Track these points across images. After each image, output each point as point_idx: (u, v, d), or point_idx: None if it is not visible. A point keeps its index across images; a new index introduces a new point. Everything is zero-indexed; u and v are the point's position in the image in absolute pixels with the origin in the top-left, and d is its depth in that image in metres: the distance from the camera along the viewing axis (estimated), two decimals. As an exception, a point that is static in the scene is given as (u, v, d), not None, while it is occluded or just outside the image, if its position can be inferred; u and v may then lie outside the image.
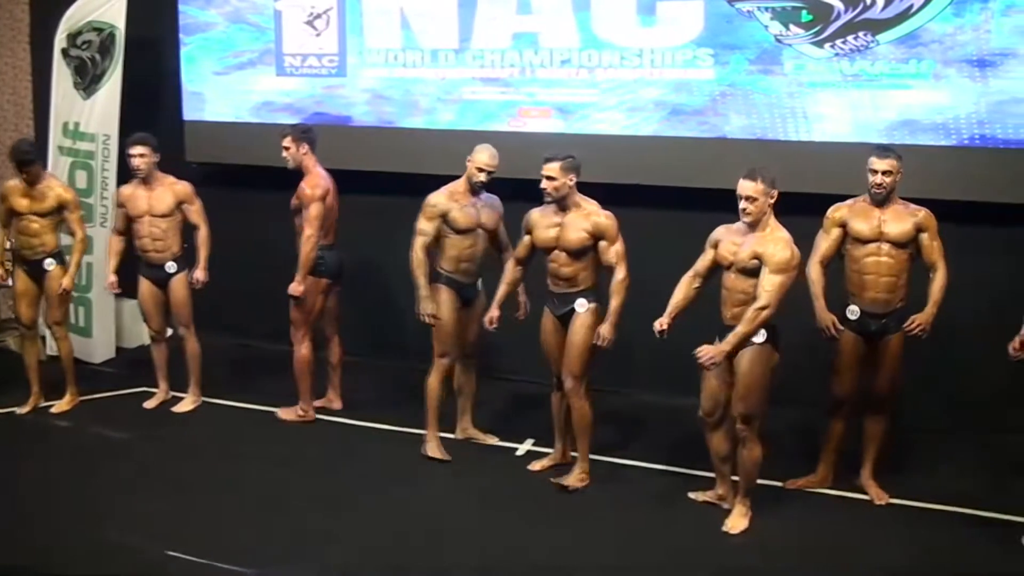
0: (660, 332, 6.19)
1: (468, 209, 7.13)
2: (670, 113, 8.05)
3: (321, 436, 7.84)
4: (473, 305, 7.33)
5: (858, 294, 6.51)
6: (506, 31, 8.41)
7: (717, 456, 6.46)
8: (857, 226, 6.48)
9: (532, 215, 6.86)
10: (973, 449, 7.44)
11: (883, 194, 6.41)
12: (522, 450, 7.51)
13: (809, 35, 7.60)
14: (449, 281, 7.20)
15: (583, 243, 6.65)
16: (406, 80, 8.81)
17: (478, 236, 7.18)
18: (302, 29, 9.09)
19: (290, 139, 7.65)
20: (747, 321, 5.94)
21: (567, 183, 6.63)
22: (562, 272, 6.74)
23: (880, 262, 6.45)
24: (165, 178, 8.12)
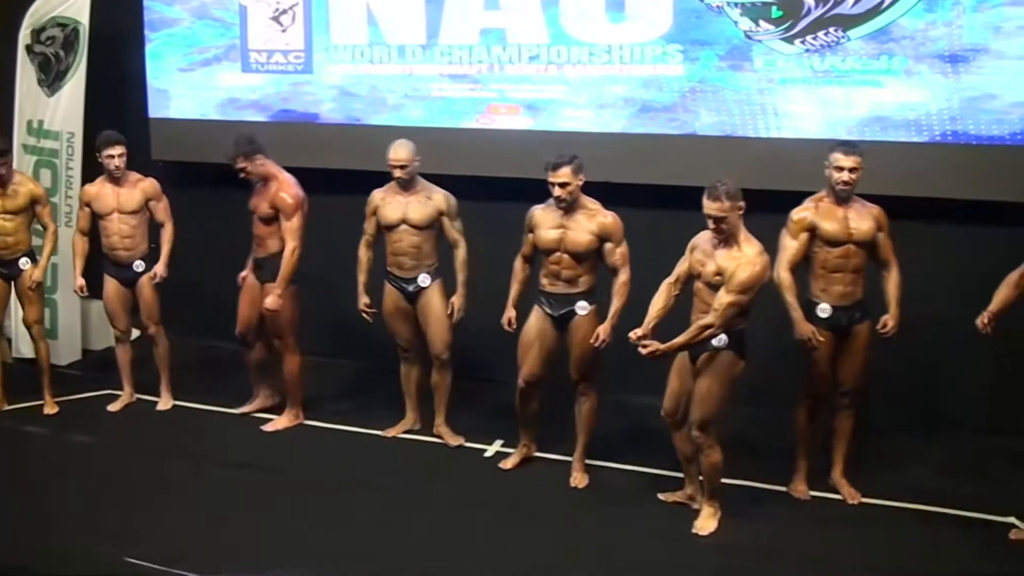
0: (639, 341, 5.97)
1: (393, 205, 7.17)
2: (639, 110, 7.92)
3: (291, 439, 7.69)
4: (421, 301, 7.26)
5: (826, 290, 6.40)
6: (474, 27, 8.24)
7: (682, 456, 6.38)
8: (827, 228, 6.34)
9: (535, 213, 6.72)
10: (937, 447, 7.37)
11: (849, 191, 6.30)
12: (491, 451, 7.38)
13: (779, 31, 7.47)
14: (388, 276, 7.33)
15: (590, 246, 6.56)
16: (373, 77, 8.63)
17: (403, 231, 7.16)
18: (267, 25, 8.89)
19: (242, 160, 7.43)
20: (689, 333, 5.83)
21: (578, 185, 6.52)
22: (563, 274, 6.64)
23: (848, 262, 6.36)
24: (131, 175, 7.96)
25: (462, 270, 7.17)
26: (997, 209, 7.07)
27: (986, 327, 5.94)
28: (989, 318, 5.94)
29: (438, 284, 7.29)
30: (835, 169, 6.27)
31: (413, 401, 7.67)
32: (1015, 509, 6.30)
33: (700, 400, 5.97)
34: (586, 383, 6.77)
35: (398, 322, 7.40)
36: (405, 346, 7.48)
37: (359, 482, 6.90)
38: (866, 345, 6.46)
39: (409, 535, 6.20)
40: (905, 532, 6.22)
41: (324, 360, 8.81)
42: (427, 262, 7.24)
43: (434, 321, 7.26)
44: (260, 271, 7.63)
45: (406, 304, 7.32)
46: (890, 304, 6.38)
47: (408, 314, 7.35)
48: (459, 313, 7.21)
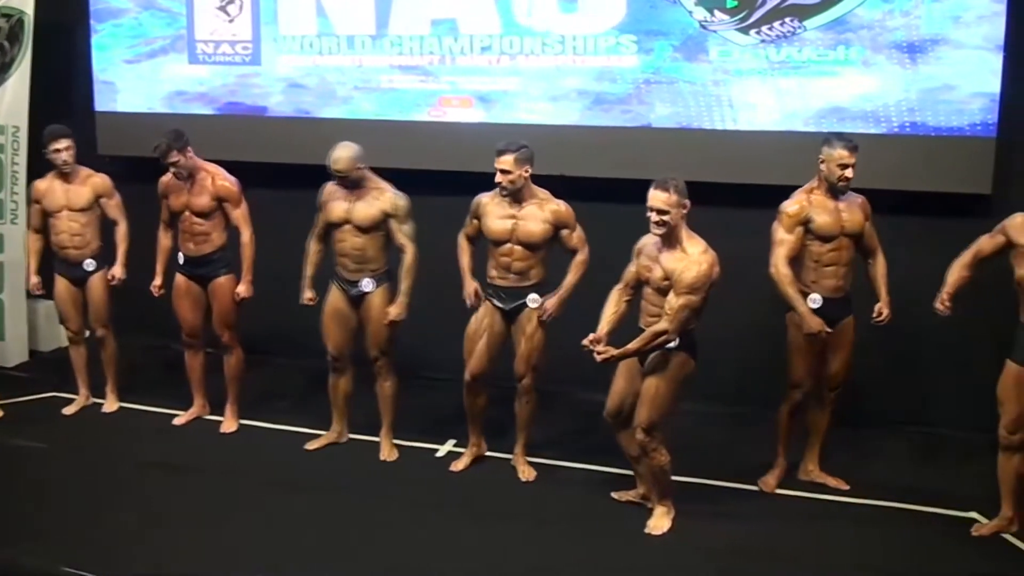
0: (592, 346, 5.79)
1: (338, 204, 6.79)
2: (593, 102, 7.71)
3: (238, 440, 7.43)
4: (363, 307, 6.93)
5: (817, 282, 6.22)
6: (424, 17, 8.00)
7: (629, 456, 6.19)
8: (821, 221, 6.16)
9: (482, 200, 6.51)
10: (896, 442, 7.25)
11: (848, 187, 6.14)
12: (443, 451, 7.17)
13: (734, 21, 7.28)
14: (334, 276, 6.96)
15: (544, 235, 6.39)
16: (322, 68, 8.36)
17: (347, 231, 6.81)
18: (214, 15, 8.59)
19: (176, 154, 7.10)
20: (643, 339, 5.67)
21: (522, 175, 6.30)
22: (515, 266, 6.45)
23: (840, 255, 6.21)
24: (82, 171, 7.64)
25: (407, 277, 6.74)
26: (956, 200, 6.94)
27: (945, 306, 5.85)
28: (947, 298, 5.85)
29: (383, 290, 6.85)
30: (838, 166, 6.06)
31: (340, 413, 7.26)
32: (976, 504, 6.19)
33: (648, 400, 5.78)
34: (531, 379, 6.59)
35: (333, 325, 6.97)
36: (335, 353, 7.02)
37: (307, 484, 6.68)
38: (851, 340, 6.34)
39: (357, 538, 6.00)
40: (867, 529, 6.09)
41: (271, 359, 8.60)
42: (371, 266, 6.85)
43: (373, 328, 6.93)
44: (205, 268, 7.34)
45: (347, 308, 6.96)
46: (880, 291, 6.26)
47: (346, 319, 6.98)
48: (398, 319, 6.81)
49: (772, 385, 6.58)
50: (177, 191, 7.26)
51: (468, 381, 6.66)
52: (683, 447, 6.14)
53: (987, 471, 6.05)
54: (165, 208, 7.38)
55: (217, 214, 7.26)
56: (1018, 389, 5.68)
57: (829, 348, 6.30)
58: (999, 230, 5.73)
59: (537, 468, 6.80)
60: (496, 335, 6.57)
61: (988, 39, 6.78)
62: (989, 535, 5.93)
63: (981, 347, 6.63)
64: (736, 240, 6.24)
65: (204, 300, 7.43)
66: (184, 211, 7.27)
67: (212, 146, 7.47)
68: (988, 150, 6.89)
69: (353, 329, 6.98)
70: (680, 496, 6.15)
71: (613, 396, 6.02)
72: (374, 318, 6.86)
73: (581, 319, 5.98)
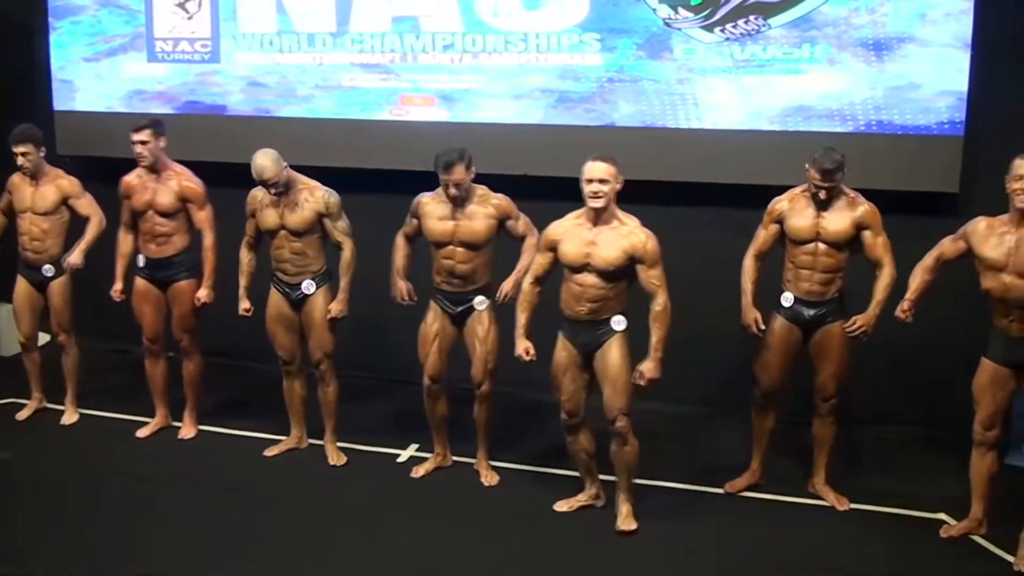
0: (529, 358, 5.84)
1: (269, 211, 6.58)
2: (557, 100, 7.51)
3: (196, 447, 7.18)
4: (305, 309, 6.70)
5: (793, 282, 6.09)
6: (385, 14, 7.76)
7: (586, 453, 6.07)
8: (793, 224, 6.01)
9: (423, 201, 6.35)
10: (864, 442, 7.11)
11: (828, 200, 5.93)
12: (404, 456, 6.95)
13: (699, 19, 7.11)
14: (273, 280, 6.74)
15: (489, 232, 6.25)
16: (282, 66, 8.11)
17: (283, 237, 6.59)
18: (173, 12, 8.33)
19: (149, 132, 6.84)
20: (664, 324, 5.61)
21: (469, 178, 6.17)
22: (458, 269, 6.28)
23: (816, 260, 6.01)
24: (50, 172, 7.35)
25: (346, 273, 6.55)
26: (923, 199, 6.82)
27: (906, 314, 5.70)
28: (909, 305, 5.71)
29: (324, 291, 6.66)
30: (813, 184, 5.90)
31: (297, 417, 7.04)
32: (945, 505, 6.09)
33: (622, 387, 5.70)
34: (490, 384, 6.44)
35: (280, 329, 6.78)
36: (285, 357, 6.84)
37: (266, 491, 6.48)
38: (841, 348, 6.09)
39: (312, 546, 5.82)
40: (833, 531, 5.98)
41: (235, 363, 8.36)
42: (312, 268, 6.63)
43: (315, 330, 6.71)
44: (166, 271, 7.06)
45: (290, 311, 6.74)
46: (871, 304, 5.94)
47: (291, 322, 6.76)
48: (339, 316, 6.61)
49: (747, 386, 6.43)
50: (140, 190, 6.97)
51: (427, 385, 6.50)
52: (659, 449, 6.19)
53: (955, 471, 5.97)
54: (127, 209, 7.09)
55: (181, 215, 6.99)
56: (993, 386, 5.61)
57: (815, 357, 6.15)
58: (961, 235, 5.63)
59: (500, 472, 6.64)
60: (448, 337, 6.44)
61: (956, 37, 6.66)
62: (958, 536, 5.82)
63: (949, 344, 6.53)
64: (701, 239, 6.18)
65: (165, 304, 7.16)
66: (147, 210, 6.98)
67: (171, 145, 7.17)
68: (955, 148, 6.76)
69: (299, 331, 6.78)
70: (653, 498, 6.11)
71: (569, 398, 5.90)
72: (316, 321, 6.67)
73: (538, 321, 5.90)
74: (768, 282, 6.14)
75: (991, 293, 5.50)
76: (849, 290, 6.07)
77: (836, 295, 6.05)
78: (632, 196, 5.77)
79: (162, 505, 6.27)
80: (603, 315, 5.71)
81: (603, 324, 5.71)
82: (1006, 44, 6.65)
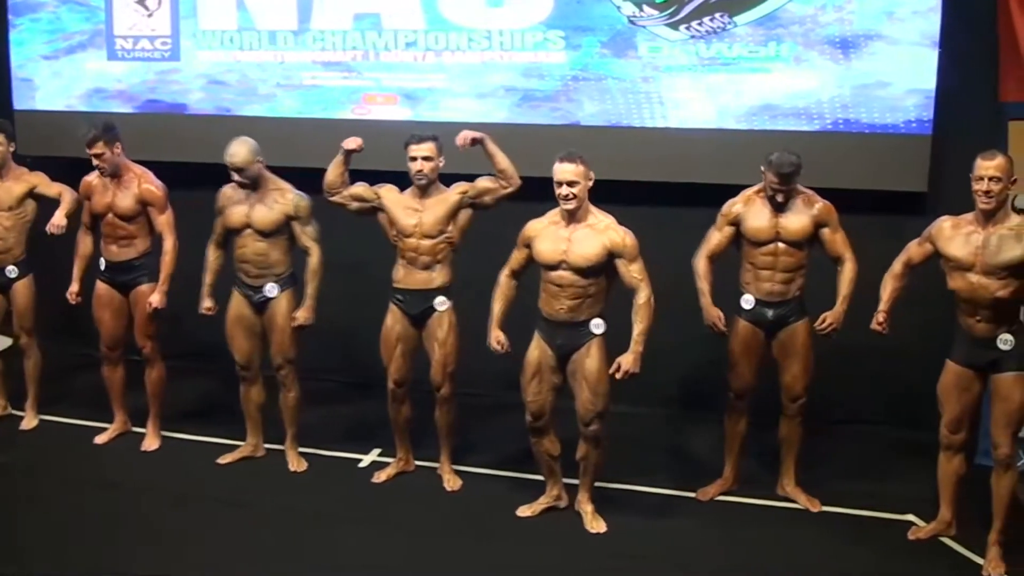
0: (504, 349, 5.72)
1: (237, 208, 6.39)
2: (521, 99, 7.35)
3: (157, 454, 6.92)
4: (267, 313, 6.50)
5: (753, 283, 5.97)
6: (347, 11, 7.57)
7: (551, 456, 5.95)
8: (751, 225, 5.88)
9: (387, 187, 6.23)
10: (832, 444, 6.93)
11: (782, 204, 5.83)
12: (366, 461, 6.74)
13: (663, 16, 6.96)
14: (236, 283, 6.52)
15: (448, 222, 6.13)
16: (243, 64, 7.89)
17: (248, 236, 6.40)
18: (133, 8, 8.09)
19: (102, 144, 6.53)
20: (646, 317, 5.48)
21: (439, 164, 6.07)
22: (421, 260, 6.13)
23: (777, 260, 5.89)
24: (15, 170, 7.10)
25: (312, 280, 6.35)
26: (891, 198, 6.73)
27: (882, 326, 5.56)
28: (883, 317, 5.56)
29: (288, 295, 6.44)
30: (770, 185, 5.81)
31: (254, 425, 6.77)
32: (915, 507, 5.99)
33: (601, 392, 5.61)
34: (449, 387, 6.27)
35: (239, 333, 6.54)
36: (242, 362, 6.59)
37: (225, 497, 6.26)
38: (806, 347, 6.00)
39: (268, 554, 5.61)
40: (800, 533, 5.87)
41: (198, 367, 8.01)
42: (275, 271, 6.42)
43: (277, 334, 6.50)
44: (127, 274, 6.79)
45: (251, 314, 6.52)
46: (838, 300, 5.83)
47: (252, 326, 6.54)
48: (305, 323, 6.40)
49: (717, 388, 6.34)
50: (101, 192, 6.71)
51: (392, 388, 6.32)
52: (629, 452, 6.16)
53: (924, 471, 5.89)
54: (86, 210, 6.82)
55: (141, 218, 6.72)
56: (958, 389, 5.49)
57: (780, 357, 6.04)
58: (926, 237, 5.51)
59: (464, 476, 6.46)
60: (410, 340, 6.26)
61: (923, 35, 6.56)
62: (927, 538, 5.72)
63: (917, 345, 6.40)
64: (669, 239, 6.05)
65: (126, 309, 6.87)
66: (107, 213, 6.71)
67: (131, 145, 6.93)
68: (923, 147, 6.67)
69: (259, 336, 6.56)
70: (623, 502, 6.06)
71: (537, 400, 5.77)
72: (279, 325, 6.45)
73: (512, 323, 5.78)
74: (726, 286, 6.03)
75: (958, 293, 5.38)
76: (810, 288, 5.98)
77: (797, 294, 5.95)
78: (597, 196, 5.65)
79: (120, 512, 6.05)
80: (582, 316, 5.59)
81: (582, 326, 5.59)
82: (974, 42, 6.55)
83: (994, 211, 5.21)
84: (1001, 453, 5.35)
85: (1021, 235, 5.18)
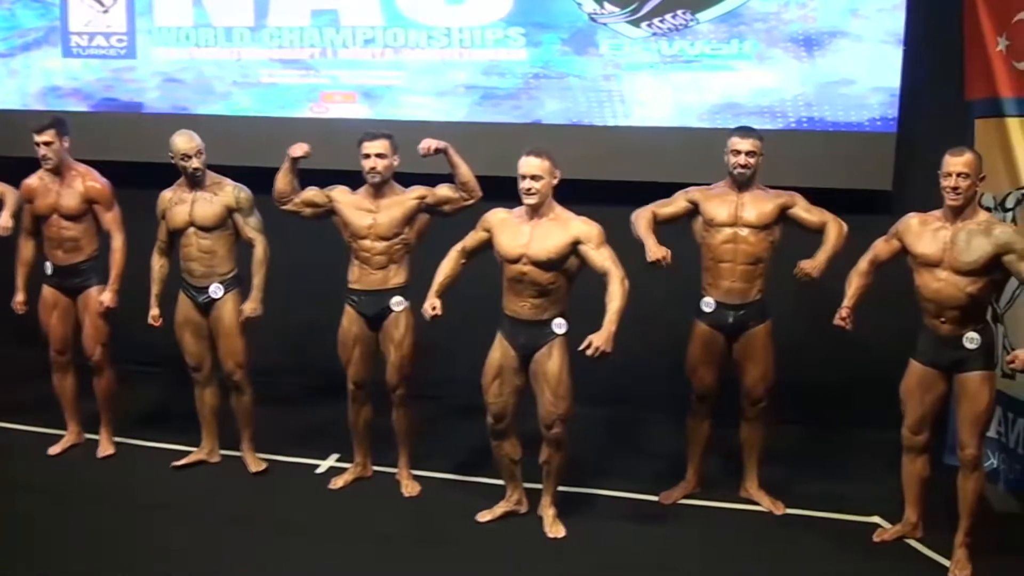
0: (433, 315, 5.46)
1: (178, 209, 6.21)
2: (482, 97, 7.19)
3: (114, 462, 6.66)
4: (213, 314, 6.29)
5: (713, 283, 5.83)
6: (304, 8, 7.38)
7: (512, 460, 5.80)
8: (712, 209, 5.76)
9: (339, 189, 6.07)
10: (796, 444, 6.83)
11: (747, 175, 5.71)
12: (324, 467, 6.52)
13: (625, 13, 6.84)
14: (182, 285, 6.32)
15: (404, 226, 5.95)
16: (199, 62, 7.67)
17: (192, 235, 6.21)
18: (89, 5, 7.85)
19: (53, 132, 6.31)
20: (621, 296, 5.24)
21: (394, 163, 5.89)
22: (375, 260, 5.95)
23: (737, 249, 5.76)
24: None
25: (258, 271, 6.15)
26: (856, 197, 6.54)
27: (845, 322, 5.39)
28: (847, 313, 5.40)
29: (233, 295, 6.24)
30: (732, 153, 5.72)
31: (209, 428, 6.54)
32: (879, 508, 5.88)
33: (562, 394, 5.47)
34: (405, 389, 6.10)
35: (187, 335, 6.34)
36: (193, 364, 6.42)
37: (179, 505, 6.03)
38: (767, 351, 5.90)
39: (218, 562, 5.40)
40: (764, 537, 5.74)
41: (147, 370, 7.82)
42: (220, 270, 6.22)
43: (225, 337, 6.29)
44: (75, 278, 6.53)
45: (198, 316, 6.31)
46: (820, 249, 5.66)
47: (199, 327, 6.34)
48: (252, 315, 6.20)
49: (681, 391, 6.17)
50: (43, 193, 6.42)
51: (351, 390, 6.15)
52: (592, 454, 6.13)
53: (890, 472, 5.75)
54: (28, 214, 6.52)
55: (87, 218, 6.45)
56: (922, 389, 5.36)
57: (741, 360, 5.92)
58: (893, 234, 5.38)
59: (423, 481, 6.26)
60: (367, 341, 6.07)
61: (888, 32, 6.48)
62: (892, 540, 5.61)
63: (884, 344, 6.18)
64: (631, 239, 5.81)
65: (74, 312, 6.60)
66: (51, 214, 6.43)
67: (87, 145, 6.77)
68: (888, 145, 6.59)
69: (208, 337, 6.35)
70: (586, 505, 5.97)
71: (499, 402, 5.61)
72: (225, 328, 6.25)
73: (463, 319, 5.71)
74: (687, 287, 5.94)
75: (924, 291, 5.24)
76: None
77: (758, 296, 5.83)
78: (559, 195, 5.50)
79: (70, 521, 5.82)
80: (544, 315, 5.46)
81: (545, 325, 5.46)
82: (939, 39, 6.47)
83: (962, 208, 5.08)
84: (968, 454, 5.21)
85: (990, 231, 5.05)
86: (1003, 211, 5.96)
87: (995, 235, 5.03)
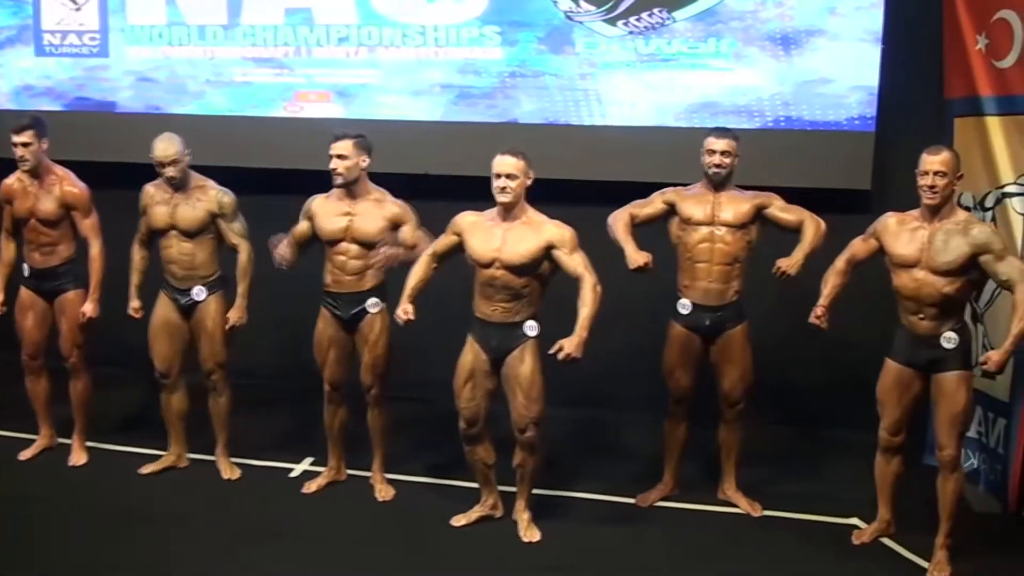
0: (407, 320, 5.39)
1: (160, 208, 6.08)
2: (458, 96, 7.08)
3: (87, 467, 6.52)
4: (195, 317, 6.17)
5: (690, 285, 5.76)
6: (278, 6, 7.25)
7: (485, 464, 5.71)
8: (689, 209, 5.69)
9: (315, 201, 5.90)
10: (774, 445, 6.75)
11: (722, 175, 5.65)
12: (298, 470, 6.40)
13: (601, 11, 6.75)
14: (162, 285, 6.20)
15: (380, 233, 5.78)
16: (173, 60, 7.52)
17: (173, 237, 6.09)
18: (61, 2, 7.71)
19: (32, 133, 6.14)
20: (592, 302, 5.21)
21: (359, 163, 5.72)
22: (350, 265, 5.81)
23: (714, 248, 5.70)
24: None
25: (243, 278, 6.06)
26: (834, 196, 6.45)
27: (820, 320, 5.33)
28: (822, 311, 5.34)
29: (217, 298, 6.12)
30: (707, 153, 5.66)
31: (176, 434, 6.39)
32: (857, 510, 5.82)
33: (536, 396, 5.40)
34: (379, 389, 6.01)
35: (161, 337, 6.19)
36: (162, 369, 6.26)
37: (147, 512, 5.88)
38: (744, 353, 5.85)
39: (189, 569, 5.28)
40: (742, 539, 5.68)
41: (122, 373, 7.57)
42: (202, 272, 6.10)
43: (207, 338, 6.16)
44: (51, 281, 6.38)
45: (177, 319, 6.18)
46: (797, 248, 5.62)
47: (177, 331, 6.20)
48: (237, 323, 6.10)
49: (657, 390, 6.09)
50: (22, 196, 6.27)
51: (328, 391, 6.05)
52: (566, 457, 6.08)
53: (869, 473, 5.67)
54: (7, 215, 6.39)
55: (65, 223, 6.30)
56: (898, 389, 5.30)
57: (718, 363, 5.86)
58: (871, 233, 5.31)
59: (396, 485, 6.16)
60: (342, 344, 5.97)
61: (866, 31, 6.40)
62: (871, 541, 5.58)
63: (861, 344, 6.11)
64: (608, 239, 5.76)
65: (50, 316, 6.46)
66: (29, 218, 6.28)
67: (60, 144, 6.56)
68: (867, 144, 6.51)
69: (185, 342, 6.21)
70: (560, 508, 5.90)
71: (471, 407, 5.51)
72: (208, 329, 6.11)
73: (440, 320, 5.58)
74: (664, 290, 5.86)
75: (901, 290, 5.17)
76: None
77: (735, 297, 5.76)
78: (535, 195, 5.41)
79: (47, 528, 5.70)
80: (516, 318, 5.38)
81: (516, 327, 5.38)
82: (917, 38, 6.42)
83: (939, 207, 5.00)
84: (947, 455, 5.13)
85: (968, 231, 4.98)
86: (982, 210, 5.90)
87: (973, 235, 4.96)
